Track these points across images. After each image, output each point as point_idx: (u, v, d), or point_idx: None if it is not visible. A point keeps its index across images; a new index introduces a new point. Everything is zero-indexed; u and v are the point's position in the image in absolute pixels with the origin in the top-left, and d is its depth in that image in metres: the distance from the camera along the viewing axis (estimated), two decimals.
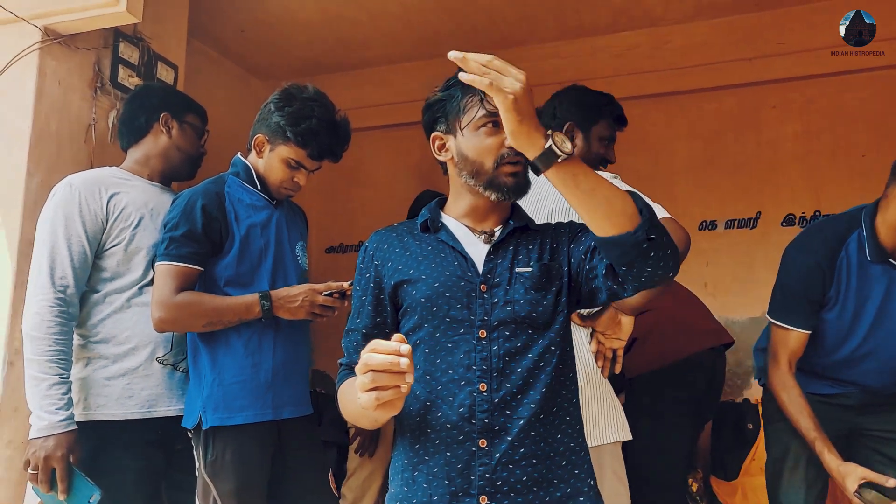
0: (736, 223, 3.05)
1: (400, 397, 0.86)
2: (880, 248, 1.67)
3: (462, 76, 0.91)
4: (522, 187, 1.15)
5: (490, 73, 0.90)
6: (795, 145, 3.01)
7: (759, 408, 2.65)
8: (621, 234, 0.96)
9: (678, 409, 2.29)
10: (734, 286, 3.02)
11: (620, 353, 1.58)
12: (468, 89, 1.14)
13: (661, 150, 3.15)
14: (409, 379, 0.83)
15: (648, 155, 3.11)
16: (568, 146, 0.93)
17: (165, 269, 1.52)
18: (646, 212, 0.97)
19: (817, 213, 2.95)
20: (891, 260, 1.68)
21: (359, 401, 0.86)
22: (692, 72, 3.03)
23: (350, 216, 3.59)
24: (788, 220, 2.99)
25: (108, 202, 1.63)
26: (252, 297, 1.55)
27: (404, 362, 0.82)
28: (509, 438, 1.04)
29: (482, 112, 1.12)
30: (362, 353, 0.86)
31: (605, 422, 1.59)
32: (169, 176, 1.82)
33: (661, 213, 1.53)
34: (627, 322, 1.54)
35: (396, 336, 0.85)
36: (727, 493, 2.63)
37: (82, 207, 1.61)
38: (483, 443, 1.04)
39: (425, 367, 1.08)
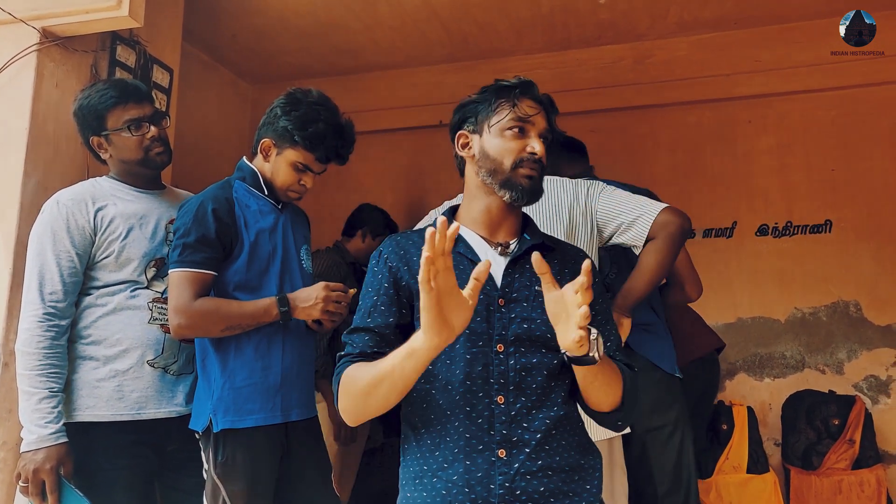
0: (713, 232, 3.15)
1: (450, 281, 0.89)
2: None
3: None
4: (536, 191, 1.17)
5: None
6: (769, 158, 3.13)
7: (734, 409, 2.78)
8: (597, 411, 1.12)
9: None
10: (709, 292, 3.06)
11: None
12: (502, 94, 1.18)
13: (643, 161, 3.24)
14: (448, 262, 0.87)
15: (631, 165, 3.20)
16: (601, 351, 0.98)
17: (181, 276, 1.52)
18: (626, 406, 1.10)
19: (789, 224, 3.07)
20: None
21: (423, 315, 0.89)
22: (673, 86, 3.14)
23: (338, 221, 3.60)
24: (762, 230, 3.10)
25: (94, 216, 1.63)
26: (269, 301, 1.55)
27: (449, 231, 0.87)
28: (527, 450, 1.06)
29: (512, 116, 1.16)
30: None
31: None
32: (146, 177, 1.75)
33: (658, 206, 1.62)
34: (628, 324, 1.63)
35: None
36: (701, 491, 2.71)
37: (70, 223, 1.60)
38: (502, 453, 1.06)
39: (445, 377, 1.09)
